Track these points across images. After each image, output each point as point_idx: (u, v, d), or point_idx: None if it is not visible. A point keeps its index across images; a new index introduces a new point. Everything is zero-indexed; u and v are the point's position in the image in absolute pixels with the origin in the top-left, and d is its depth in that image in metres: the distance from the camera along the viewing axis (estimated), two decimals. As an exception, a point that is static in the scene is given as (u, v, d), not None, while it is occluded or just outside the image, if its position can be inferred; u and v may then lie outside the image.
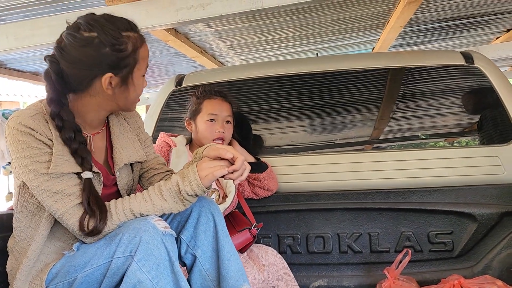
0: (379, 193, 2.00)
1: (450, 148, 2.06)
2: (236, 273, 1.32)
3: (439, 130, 2.16)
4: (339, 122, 2.26)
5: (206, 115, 1.91)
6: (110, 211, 1.13)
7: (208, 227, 1.32)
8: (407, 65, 2.12)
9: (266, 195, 2.03)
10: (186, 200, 1.18)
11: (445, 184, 1.97)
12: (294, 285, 1.82)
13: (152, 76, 5.18)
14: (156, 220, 1.10)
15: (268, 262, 1.78)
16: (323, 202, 2.03)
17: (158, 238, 1.06)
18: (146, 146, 1.43)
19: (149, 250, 1.04)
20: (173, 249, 1.09)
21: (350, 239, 2.02)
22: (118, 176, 1.29)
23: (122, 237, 1.06)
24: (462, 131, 2.14)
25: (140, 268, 1.02)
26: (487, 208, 1.90)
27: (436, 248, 1.95)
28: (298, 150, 2.26)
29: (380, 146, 2.14)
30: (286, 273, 1.82)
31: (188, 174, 1.18)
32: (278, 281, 1.78)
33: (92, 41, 1.12)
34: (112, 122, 1.34)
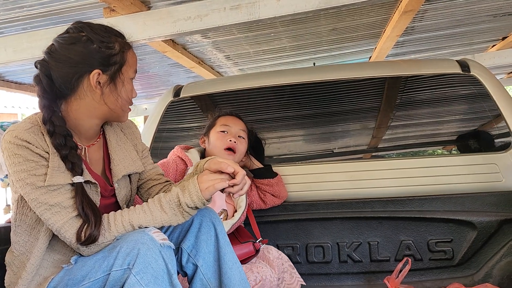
0: (378, 202, 1.99)
1: (448, 156, 2.06)
2: (238, 281, 1.31)
3: (436, 138, 2.16)
4: (337, 131, 2.26)
5: (218, 126, 1.93)
6: (109, 223, 1.12)
7: (210, 236, 1.31)
8: (403, 74, 2.14)
9: (275, 203, 2.02)
10: (186, 212, 1.18)
11: (444, 192, 1.97)
12: (298, 277, 1.85)
13: (150, 87, 5.20)
14: (154, 232, 1.10)
15: (274, 257, 1.80)
16: (322, 211, 2.03)
17: (156, 251, 1.05)
18: (143, 156, 1.43)
19: (147, 263, 1.03)
20: (172, 261, 1.09)
21: (349, 248, 2.01)
22: (117, 187, 1.29)
23: (120, 249, 1.05)
24: (459, 139, 2.15)
25: (138, 281, 1.02)
26: (486, 215, 1.90)
27: (436, 257, 1.95)
28: (296, 159, 2.26)
29: (379, 154, 2.14)
30: (290, 266, 1.85)
31: (188, 186, 1.18)
32: (283, 273, 1.80)
33: (80, 39, 1.16)
34: (108, 133, 1.34)
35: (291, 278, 1.84)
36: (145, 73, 4.35)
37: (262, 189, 2.00)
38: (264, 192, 2.00)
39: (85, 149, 1.27)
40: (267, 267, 1.74)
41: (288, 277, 1.82)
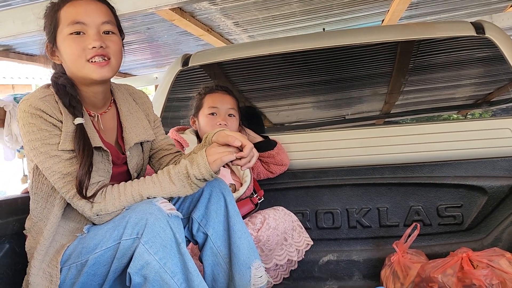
0: (388, 168, 1.99)
1: (460, 121, 2.03)
2: (247, 251, 1.35)
3: (448, 103, 2.12)
4: (347, 97, 2.24)
5: (206, 109, 1.92)
6: (119, 192, 1.15)
7: (219, 207, 1.34)
8: (415, 38, 2.08)
9: (281, 170, 2.05)
10: (194, 184, 1.20)
11: (455, 157, 1.96)
12: (306, 237, 1.91)
13: (160, 56, 5.16)
14: (161, 203, 1.12)
15: (285, 212, 1.88)
16: (332, 178, 2.04)
17: (164, 220, 1.08)
18: (155, 126, 1.45)
19: (155, 232, 1.06)
20: (179, 231, 1.11)
21: (359, 214, 2.03)
22: (129, 155, 1.32)
23: (129, 219, 1.08)
24: (472, 103, 2.11)
25: (147, 250, 1.05)
26: (498, 180, 1.89)
27: (446, 222, 1.96)
28: (307, 126, 2.25)
29: (389, 120, 2.12)
30: (299, 225, 1.92)
31: (197, 159, 1.20)
32: (292, 231, 1.87)
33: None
34: (119, 102, 1.36)
35: (299, 236, 1.91)
36: (153, 42, 4.32)
37: (264, 161, 2.03)
38: (267, 164, 2.02)
39: (98, 117, 1.30)
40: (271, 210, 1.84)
41: (296, 235, 1.90)
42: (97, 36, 1.20)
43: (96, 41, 1.18)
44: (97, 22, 1.21)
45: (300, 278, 2.04)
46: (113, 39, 1.24)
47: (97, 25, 1.21)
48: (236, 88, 2.36)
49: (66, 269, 1.16)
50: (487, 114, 2.06)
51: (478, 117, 2.06)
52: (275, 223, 1.80)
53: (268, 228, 1.78)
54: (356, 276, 2.00)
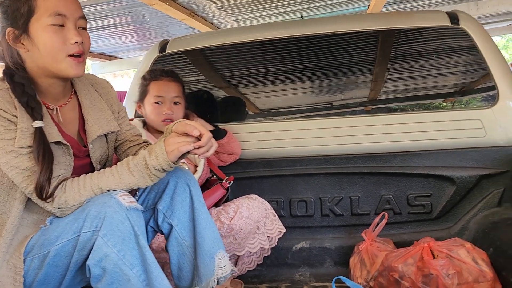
0: (361, 158, 2.02)
1: (433, 111, 2.05)
2: (211, 241, 1.38)
3: (421, 93, 2.14)
4: (323, 87, 2.25)
5: (152, 97, 1.90)
6: (79, 186, 1.16)
7: (184, 197, 1.36)
8: (392, 27, 2.08)
9: (232, 159, 2.07)
10: (153, 174, 1.20)
11: (427, 147, 1.99)
12: (279, 224, 1.96)
13: (146, 39, 5.12)
14: (121, 195, 1.14)
15: (259, 200, 1.92)
16: (306, 167, 2.07)
17: (122, 213, 1.09)
18: (120, 117, 1.44)
19: (113, 225, 1.08)
20: (138, 223, 1.13)
21: (331, 203, 2.06)
22: (91, 148, 1.31)
23: (89, 212, 1.10)
24: (445, 94, 2.13)
25: (106, 243, 1.07)
26: (466, 171, 1.93)
27: (415, 211, 2.00)
28: (282, 115, 2.27)
29: (362, 110, 2.13)
30: (272, 213, 1.97)
31: (155, 149, 1.20)
32: (265, 218, 1.91)
33: None
34: (80, 93, 1.34)
35: (271, 224, 1.96)
36: (139, 25, 4.28)
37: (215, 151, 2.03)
38: (217, 153, 2.04)
39: (57, 109, 1.28)
40: (244, 199, 1.87)
41: (269, 223, 1.95)
42: (77, 31, 1.19)
43: (78, 36, 1.18)
44: (76, 16, 1.20)
45: (273, 264, 2.08)
46: (87, 35, 1.24)
47: (75, 19, 1.20)
48: (213, 75, 2.36)
49: (29, 260, 1.17)
50: (458, 105, 2.08)
51: (450, 107, 2.08)
52: (248, 212, 1.83)
53: (241, 217, 1.81)
54: (327, 263, 2.05)
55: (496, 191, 1.92)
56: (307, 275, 2.03)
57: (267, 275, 2.05)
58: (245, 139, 2.16)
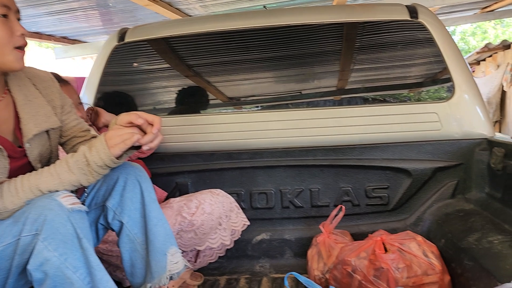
0: (321, 150, 2.03)
1: (391, 104, 2.07)
2: (163, 237, 1.36)
3: (380, 87, 2.16)
4: (283, 79, 2.24)
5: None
6: (16, 188, 1.11)
7: (135, 194, 1.33)
8: (353, 20, 2.08)
9: (150, 151, 2.03)
10: (95, 171, 1.16)
11: (384, 140, 2.01)
12: (243, 217, 1.99)
13: (112, 23, 4.96)
14: (63, 197, 1.09)
15: (223, 194, 1.94)
16: (266, 159, 2.06)
17: (64, 216, 1.06)
18: (65, 112, 1.37)
19: (54, 229, 1.04)
20: (81, 226, 1.10)
21: (292, 195, 2.07)
22: (28, 147, 1.24)
23: (28, 215, 1.05)
24: (403, 87, 2.15)
25: (46, 247, 1.03)
26: (422, 163, 1.96)
27: (373, 202, 2.03)
28: (242, 107, 2.25)
29: (322, 103, 2.14)
30: (237, 206, 1.99)
31: (95, 144, 1.15)
32: (230, 212, 1.94)
33: None
34: (13, 90, 1.25)
35: (236, 217, 1.98)
36: (101, 9, 4.13)
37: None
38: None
39: None
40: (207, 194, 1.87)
41: (233, 216, 1.97)
42: (19, 23, 1.14)
43: (22, 27, 1.14)
44: (15, 8, 1.16)
45: (234, 256, 2.09)
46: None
47: (15, 11, 1.16)
48: (172, 65, 2.30)
49: None
50: (416, 99, 2.11)
51: (407, 101, 2.11)
52: (210, 208, 1.82)
53: (203, 213, 1.80)
54: (287, 255, 2.07)
55: (450, 183, 1.97)
56: (267, 266, 2.04)
57: (227, 267, 2.06)
58: (205, 131, 2.13)
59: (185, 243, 1.83)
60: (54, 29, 4.90)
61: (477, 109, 1.99)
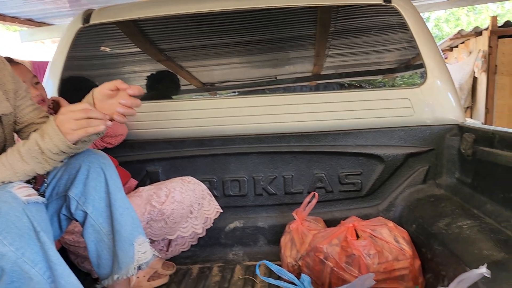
0: (294, 137, 2.00)
1: (364, 90, 2.06)
2: (130, 227, 1.32)
3: (354, 71, 2.14)
4: (256, 64, 2.19)
5: None
6: None
7: (99, 183, 1.28)
8: (325, 4, 2.04)
9: (118, 141, 1.99)
10: (51, 159, 1.10)
11: (357, 126, 2.00)
12: (216, 205, 1.96)
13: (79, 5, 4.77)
14: (18, 188, 1.03)
15: (194, 181, 1.89)
16: (239, 146, 2.03)
17: (19, 209, 1.00)
18: (20, 97, 1.29)
19: (10, 222, 0.98)
20: (39, 218, 1.04)
21: (265, 182, 2.05)
22: None
23: None
24: (376, 73, 2.14)
25: (1, 241, 0.97)
26: (394, 149, 1.97)
27: (346, 189, 2.03)
28: (213, 93, 2.19)
29: (295, 89, 2.11)
30: (209, 194, 1.96)
31: (47, 130, 1.08)
32: (202, 199, 1.90)
33: None
34: None
35: (209, 205, 1.94)
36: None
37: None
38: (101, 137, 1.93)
39: None
40: (178, 182, 1.82)
41: (206, 204, 1.93)
42: None
43: None
44: None
45: (207, 244, 2.06)
46: None
47: None
48: (140, 49, 2.22)
49: None
50: (389, 84, 2.10)
51: (380, 86, 2.10)
52: (181, 197, 1.78)
53: (173, 202, 1.76)
54: (261, 242, 2.05)
55: (422, 168, 1.98)
56: (241, 254, 2.02)
57: (200, 256, 2.03)
58: (177, 117, 2.08)
59: (155, 233, 1.79)
60: (18, 11, 4.69)
61: (448, 95, 2.00)
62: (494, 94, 5.67)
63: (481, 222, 1.42)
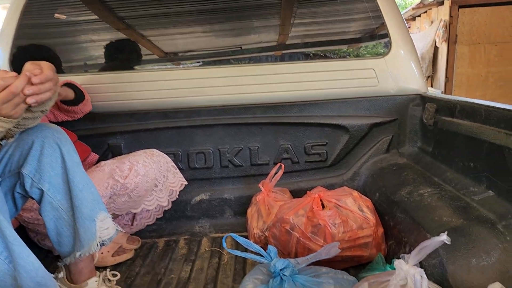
0: (260, 108, 1.98)
1: (329, 60, 2.04)
2: (90, 203, 1.28)
3: (319, 41, 2.12)
4: (220, 33, 2.13)
5: None
6: None
7: (55, 158, 1.22)
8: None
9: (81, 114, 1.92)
10: None
11: (323, 97, 2.00)
12: (180, 177, 1.94)
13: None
14: None
15: (158, 154, 1.84)
16: (204, 118, 1.99)
17: None
18: None
19: None
20: None
21: (231, 154, 2.03)
22: None
23: None
24: (341, 43, 2.12)
25: None
26: (359, 120, 1.98)
27: (312, 159, 2.04)
28: (177, 63, 2.12)
29: (261, 59, 2.07)
30: (173, 166, 1.92)
31: None
32: (167, 172, 1.86)
33: None
34: None
35: (173, 177, 1.91)
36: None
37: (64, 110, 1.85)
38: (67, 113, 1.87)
39: None
40: (141, 155, 1.77)
41: (171, 176, 1.90)
42: None
43: None
44: None
45: (173, 218, 2.04)
46: None
47: None
48: (101, 17, 2.11)
49: None
50: (354, 54, 2.10)
51: (346, 57, 2.09)
52: (144, 170, 1.73)
53: (137, 175, 1.71)
54: (227, 214, 2.05)
55: (385, 138, 2.01)
56: (207, 226, 2.02)
57: (166, 229, 2.01)
58: (139, 89, 2.00)
59: (119, 207, 1.75)
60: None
61: (412, 65, 2.01)
62: (454, 64, 5.82)
63: (441, 190, 1.46)
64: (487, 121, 1.32)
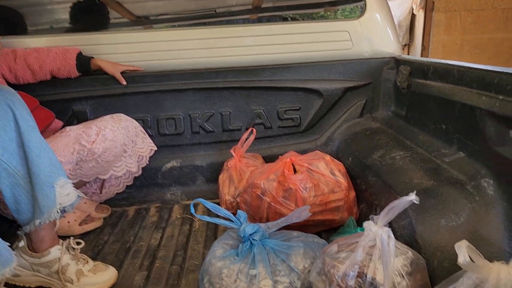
0: (231, 72, 1.91)
1: (302, 22, 1.98)
2: (49, 168, 1.22)
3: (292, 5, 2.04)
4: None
5: None
6: None
7: (7, 122, 1.15)
8: None
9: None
10: None
11: (297, 60, 1.94)
12: (150, 143, 1.90)
13: None
14: None
15: (126, 118, 1.78)
16: (174, 82, 1.91)
17: None
18: None
19: None
20: None
21: (202, 119, 1.97)
22: None
23: None
24: (315, 5, 2.06)
25: None
26: (333, 83, 1.94)
27: (285, 124, 2.00)
28: (145, 25, 2.02)
29: (232, 20, 1.99)
30: (142, 131, 1.88)
31: None
32: (135, 137, 1.82)
33: None
34: None
35: (142, 142, 1.87)
36: None
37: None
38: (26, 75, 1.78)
39: None
40: (108, 120, 1.70)
41: (139, 142, 1.85)
42: None
43: None
44: None
45: (143, 185, 1.99)
46: None
47: None
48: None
49: None
50: (328, 16, 2.04)
51: (319, 18, 2.03)
52: (112, 135, 1.66)
53: (104, 140, 1.64)
54: (199, 181, 2.01)
55: (359, 102, 1.98)
56: (179, 193, 1.98)
57: (136, 197, 1.96)
58: (104, 52, 1.90)
59: (86, 173, 1.68)
60: None
61: (387, 28, 1.97)
62: (430, 31, 5.80)
63: (413, 153, 1.45)
64: (459, 81, 1.30)
